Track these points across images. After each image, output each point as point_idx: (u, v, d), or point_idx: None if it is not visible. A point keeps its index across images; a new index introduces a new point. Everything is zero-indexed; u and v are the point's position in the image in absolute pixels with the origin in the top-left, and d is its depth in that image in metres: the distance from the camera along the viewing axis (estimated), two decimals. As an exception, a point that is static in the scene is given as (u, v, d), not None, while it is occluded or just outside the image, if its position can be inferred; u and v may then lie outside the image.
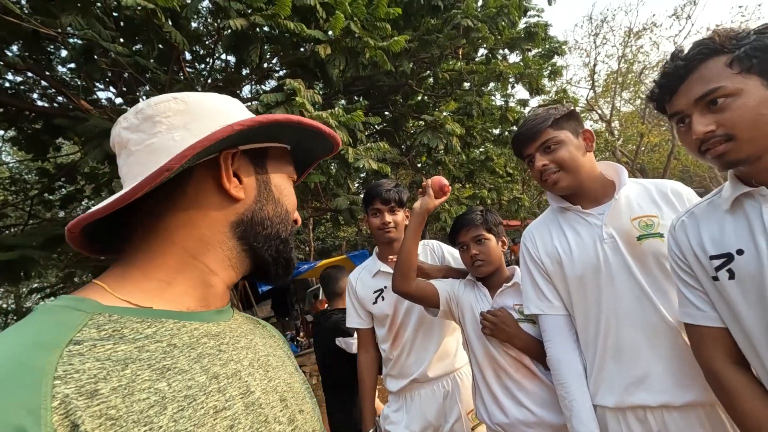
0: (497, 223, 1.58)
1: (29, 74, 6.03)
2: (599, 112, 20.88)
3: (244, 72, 6.60)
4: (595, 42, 21.19)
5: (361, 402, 1.84)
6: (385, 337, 1.81)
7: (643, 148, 19.95)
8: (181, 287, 0.53)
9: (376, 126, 9.43)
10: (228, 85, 6.21)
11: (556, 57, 7.05)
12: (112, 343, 0.42)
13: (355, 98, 7.25)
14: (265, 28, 3.60)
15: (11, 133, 6.43)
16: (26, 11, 4.07)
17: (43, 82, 6.13)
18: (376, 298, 1.81)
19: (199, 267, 0.54)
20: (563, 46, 7.03)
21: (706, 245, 0.95)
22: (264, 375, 0.56)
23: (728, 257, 0.90)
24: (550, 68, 6.96)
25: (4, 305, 19.91)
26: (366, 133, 6.32)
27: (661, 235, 1.15)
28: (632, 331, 1.16)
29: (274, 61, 7.38)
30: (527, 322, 1.45)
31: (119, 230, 0.56)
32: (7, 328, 0.42)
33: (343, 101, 7.39)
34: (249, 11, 3.57)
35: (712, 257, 0.93)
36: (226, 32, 3.87)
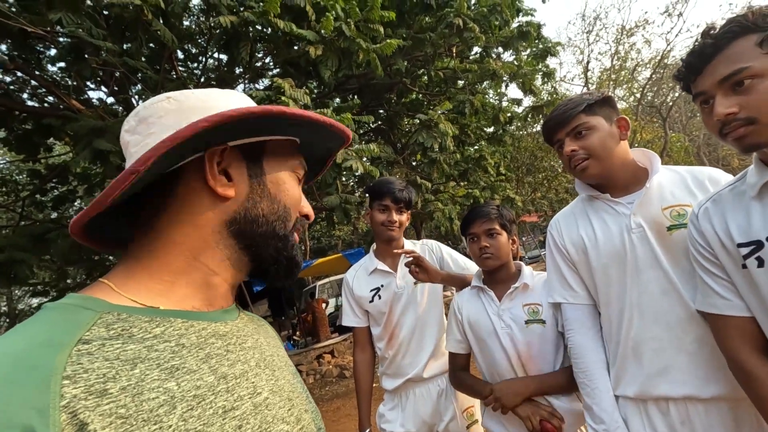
0: (511, 220, 1.58)
1: (18, 74, 5.96)
2: (593, 109, 20.90)
3: (238, 71, 6.57)
4: (588, 39, 21.33)
5: (357, 401, 1.85)
6: (380, 335, 1.81)
7: (636, 145, 20.07)
8: (186, 287, 0.52)
9: (371, 125, 9.43)
10: (221, 84, 6.17)
11: (549, 57, 7.08)
12: (120, 342, 0.42)
13: (349, 97, 7.24)
14: (257, 27, 3.59)
15: (1, 133, 6.34)
16: (14, 10, 4.02)
17: (33, 82, 6.06)
18: (373, 296, 1.80)
19: (200, 267, 0.54)
20: (557, 47, 7.06)
21: (732, 233, 0.91)
22: (271, 375, 0.56)
23: (757, 244, 0.87)
24: (543, 69, 6.98)
25: (-4, 307, 19.71)
26: (360, 132, 6.32)
27: None
28: (656, 325, 1.12)
29: (267, 59, 7.35)
30: (536, 323, 1.43)
31: (126, 227, 0.56)
32: (15, 326, 0.42)
33: (337, 100, 7.38)
34: (240, 9, 3.56)
35: (740, 245, 0.90)
36: (216, 30, 3.85)
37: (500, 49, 7.38)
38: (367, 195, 1.92)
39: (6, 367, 0.36)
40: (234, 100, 0.58)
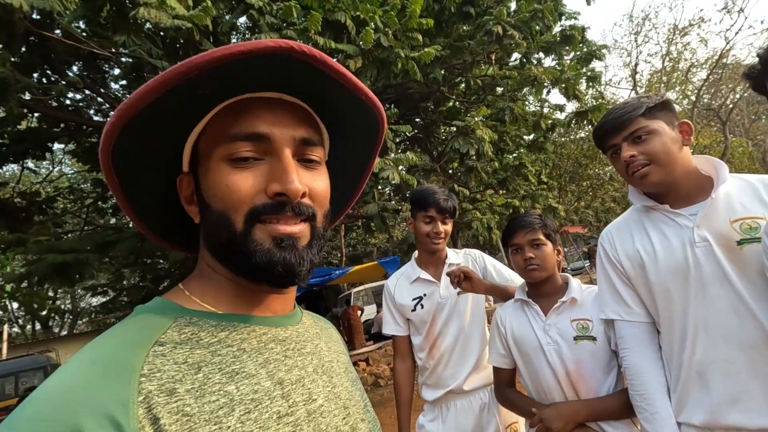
0: (555, 230, 1.52)
1: (87, 92, 6.56)
2: (642, 113, 19.82)
3: (280, 84, 6.82)
4: (636, 41, 20.26)
5: (397, 411, 1.82)
6: (421, 345, 1.77)
7: (691, 151, 18.70)
8: (246, 296, 0.53)
9: (407, 134, 9.46)
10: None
11: (594, 61, 6.81)
12: (189, 347, 0.45)
13: (386, 107, 7.31)
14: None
15: (71, 146, 6.98)
16: (84, 34, 4.45)
17: (99, 99, 6.65)
18: (415, 305, 1.76)
19: (236, 280, 0.52)
20: (602, 50, 6.78)
21: None
22: (328, 381, 0.55)
23: None
24: (588, 73, 6.72)
25: (62, 306, 21.49)
26: (397, 141, 6.35)
27: None
28: (726, 346, 1.03)
29: (308, 72, 7.58)
30: (586, 339, 1.35)
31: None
32: (111, 327, 0.47)
33: (374, 109, 7.47)
34: (283, 25, 3.71)
35: None
36: (262, 47, 4.02)
37: (541, 55, 7.20)
38: (408, 204, 1.90)
39: (100, 363, 0.40)
40: None
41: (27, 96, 4.67)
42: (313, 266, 0.52)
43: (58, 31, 4.35)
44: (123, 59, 5.09)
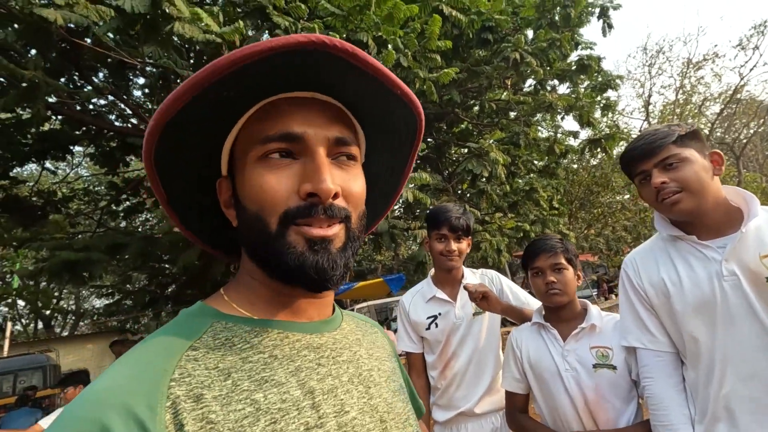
0: (575, 254, 1.51)
1: (110, 97, 6.75)
2: (654, 144, 19.81)
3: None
4: (650, 73, 20.38)
5: None
6: (434, 364, 1.75)
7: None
8: (281, 301, 0.53)
9: (420, 153, 9.55)
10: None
11: (609, 90, 6.87)
12: (221, 352, 0.45)
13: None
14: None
15: (90, 149, 7.14)
16: (111, 44, 4.61)
17: (121, 105, 6.83)
18: (430, 324, 1.75)
19: (271, 285, 0.52)
20: (617, 80, 6.84)
21: None
22: (364, 392, 0.52)
23: None
24: (603, 102, 6.77)
25: (65, 305, 21.57)
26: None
27: None
28: (754, 384, 1.01)
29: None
30: (606, 367, 1.32)
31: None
32: (160, 328, 0.47)
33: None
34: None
35: None
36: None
37: (556, 82, 7.28)
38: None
39: (137, 366, 0.41)
40: None
41: (53, 98, 4.83)
42: (348, 270, 0.51)
43: (88, 39, 4.52)
44: (148, 68, 5.25)
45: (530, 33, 6.43)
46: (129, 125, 7.07)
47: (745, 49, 17.29)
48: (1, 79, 4.29)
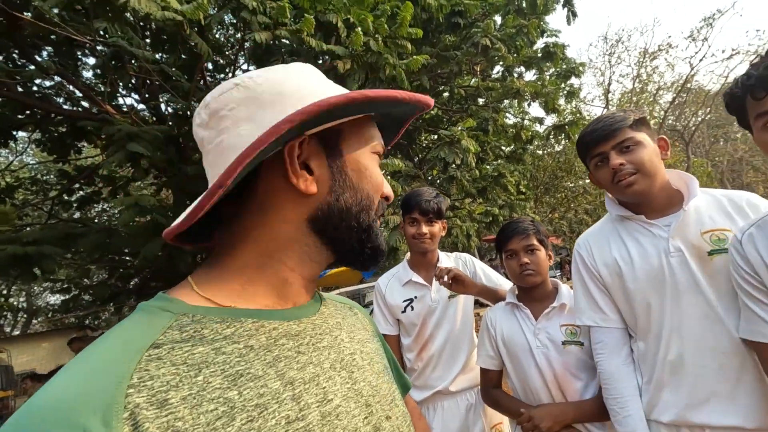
0: (546, 235, 1.57)
1: (57, 79, 6.24)
2: (612, 131, 20.72)
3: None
4: (609, 62, 21.17)
5: None
6: (410, 346, 1.78)
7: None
8: (261, 286, 0.51)
9: (390, 139, 9.51)
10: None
11: (573, 78, 7.08)
12: (190, 345, 0.41)
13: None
14: (286, 41, 3.69)
15: (36, 135, 6.60)
16: (56, 20, 4.24)
17: (70, 87, 6.33)
18: (405, 307, 1.77)
19: (275, 266, 0.51)
20: (581, 68, 7.06)
21: None
22: (347, 377, 0.51)
23: None
24: (567, 89, 6.98)
25: (16, 302, 20.20)
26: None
27: None
28: (697, 351, 1.09)
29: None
30: (574, 344, 1.40)
31: (208, 228, 0.54)
32: (113, 327, 0.43)
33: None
34: (273, 25, 3.67)
35: None
36: (248, 44, 3.96)
37: (522, 68, 7.42)
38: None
39: (88, 373, 0.36)
40: (304, 80, 0.53)
41: (-9, 79, 4.39)
42: None
43: (28, 14, 4.12)
44: (99, 47, 4.88)
45: (498, 19, 6.48)
46: (79, 109, 6.58)
47: (695, 40, 18.29)
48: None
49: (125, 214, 3.75)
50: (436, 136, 6.95)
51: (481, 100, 7.48)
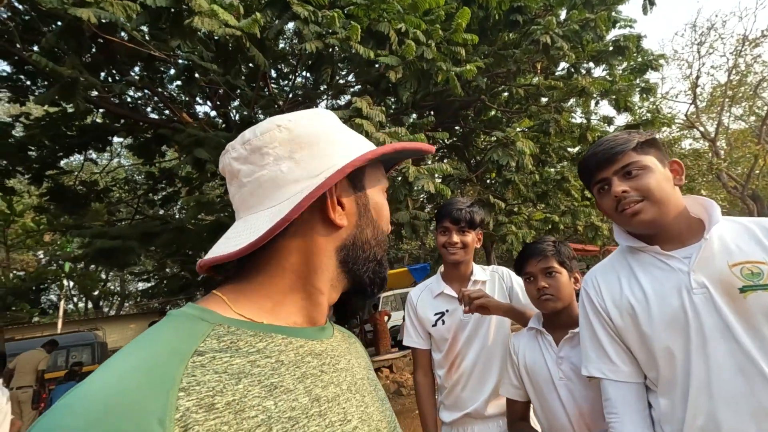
0: (570, 256, 1.41)
1: (145, 91, 7.05)
2: (701, 129, 18.52)
3: (322, 88, 7.01)
4: (699, 52, 18.85)
5: (423, 427, 1.78)
6: (441, 362, 1.72)
7: (757, 172, 17.17)
8: (291, 306, 0.54)
9: (445, 141, 9.37)
10: (306, 100, 6.63)
11: (650, 72, 6.41)
12: (228, 356, 0.43)
13: (425, 114, 7.27)
14: (337, 49, 3.79)
15: (128, 140, 7.51)
16: (147, 38, 4.78)
17: (155, 98, 7.11)
18: (436, 320, 1.72)
19: (309, 290, 0.55)
20: (659, 60, 6.37)
21: None
22: (360, 401, 0.54)
23: None
24: (642, 85, 6.33)
25: (113, 288, 23.13)
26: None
27: None
28: (732, 413, 0.91)
29: (350, 77, 7.74)
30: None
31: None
32: (144, 333, 0.44)
33: (414, 115, 7.45)
34: (325, 33, 3.79)
35: None
36: (304, 53, 4.14)
37: (591, 65, 6.88)
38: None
39: (142, 372, 0.38)
40: (329, 126, 0.59)
41: (93, 93, 5.08)
42: None
43: (123, 34, 4.71)
44: (179, 61, 5.42)
45: (563, 14, 6.07)
46: (163, 117, 7.37)
47: (812, 22, 15.63)
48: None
49: (190, 210, 4.11)
50: (493, 138, 6.70)
51: (543, 100, 7.07)
